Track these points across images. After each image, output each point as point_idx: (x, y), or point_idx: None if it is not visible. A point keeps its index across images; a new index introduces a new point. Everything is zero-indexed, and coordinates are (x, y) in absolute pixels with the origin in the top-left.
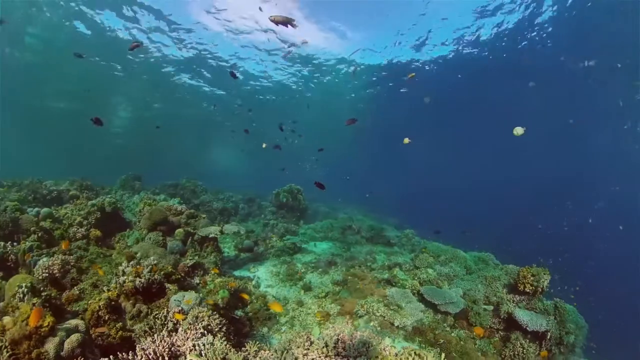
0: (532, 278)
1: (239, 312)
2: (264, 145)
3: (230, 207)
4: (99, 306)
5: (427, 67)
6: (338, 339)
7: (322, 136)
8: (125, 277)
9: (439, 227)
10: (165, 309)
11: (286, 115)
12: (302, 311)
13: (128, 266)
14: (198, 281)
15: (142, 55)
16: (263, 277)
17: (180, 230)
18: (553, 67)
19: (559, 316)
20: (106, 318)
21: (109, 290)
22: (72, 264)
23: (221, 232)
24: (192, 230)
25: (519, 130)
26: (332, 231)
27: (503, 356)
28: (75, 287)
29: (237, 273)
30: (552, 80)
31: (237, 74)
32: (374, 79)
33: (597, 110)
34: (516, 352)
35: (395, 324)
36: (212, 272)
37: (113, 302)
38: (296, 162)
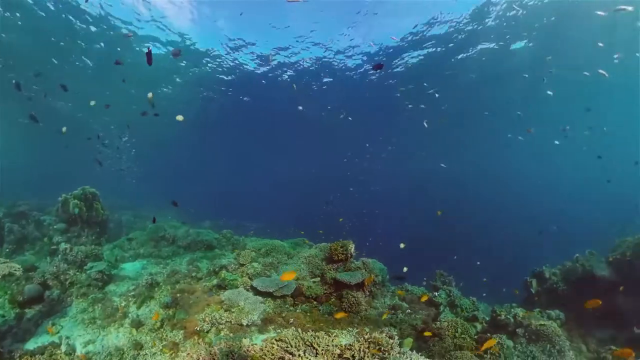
0: (341, 249)
1: None
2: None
3: None
4: None
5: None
6: None
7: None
8: None
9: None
10: None
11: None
12: (147, 353)
13: None
14: None
15: None
16: (75, 333)
17: None
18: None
19: (367, 268)
20: None
21: None
22: None
23: None
24: None
25: (179, 117)
26: (144, 246)
27: (343, 308)
28: None
29: (31, 345)
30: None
31: None
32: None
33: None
34: (351, 302)
35: (245, 324)
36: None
37: None
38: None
